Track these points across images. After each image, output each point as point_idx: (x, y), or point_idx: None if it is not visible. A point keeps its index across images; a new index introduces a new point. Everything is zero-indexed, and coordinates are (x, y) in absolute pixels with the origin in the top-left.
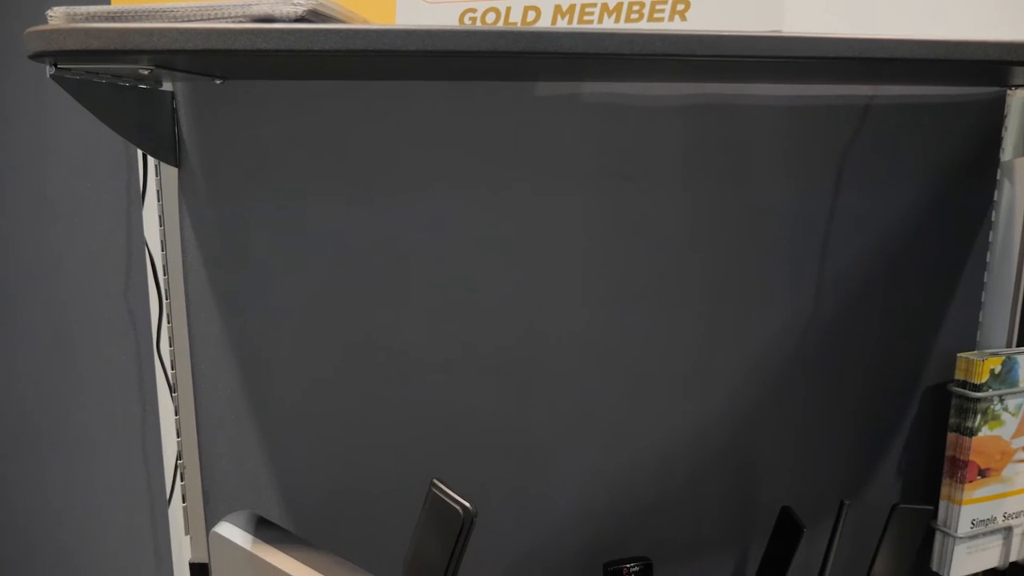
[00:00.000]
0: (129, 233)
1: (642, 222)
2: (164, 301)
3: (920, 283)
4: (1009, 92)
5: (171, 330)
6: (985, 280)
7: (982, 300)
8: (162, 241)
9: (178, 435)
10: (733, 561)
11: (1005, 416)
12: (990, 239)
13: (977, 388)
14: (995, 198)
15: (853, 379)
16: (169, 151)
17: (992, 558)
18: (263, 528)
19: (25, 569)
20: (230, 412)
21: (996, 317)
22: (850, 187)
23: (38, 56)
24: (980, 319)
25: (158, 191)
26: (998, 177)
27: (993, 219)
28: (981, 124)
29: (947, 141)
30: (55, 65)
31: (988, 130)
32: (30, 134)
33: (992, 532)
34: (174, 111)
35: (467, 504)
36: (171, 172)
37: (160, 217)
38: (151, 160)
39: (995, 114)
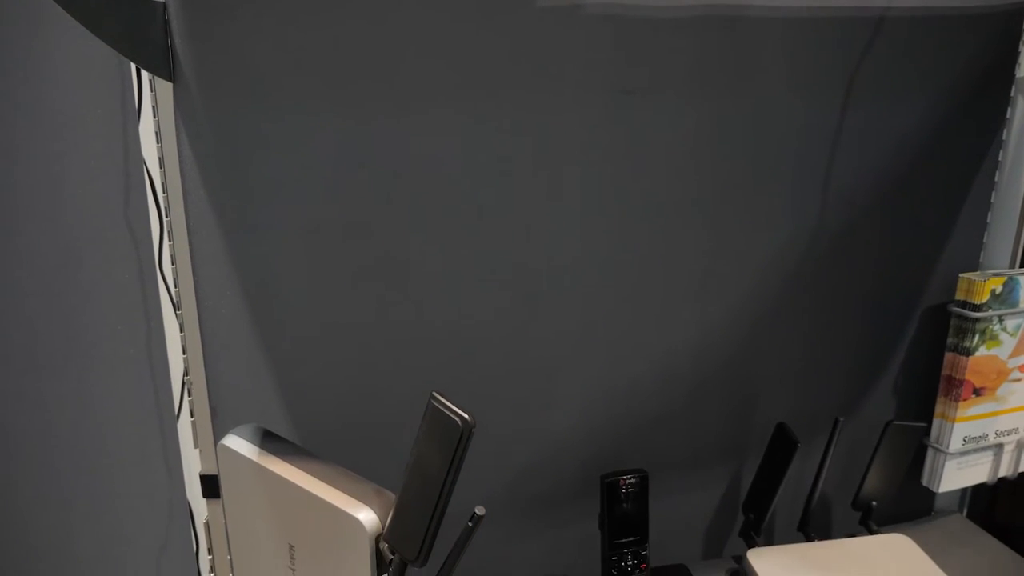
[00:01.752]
0: (126, 150)
1: (645, 137)
2: (164, 219)
3: (926, 202)
4: None
5: (172, 248)
6: (992, 200)
7: (988, 220)
8: (160, 158)
9: (184, 352)
10: (728, 475)
11: (1003, 336)
12: (1000, 158)
13: (977, 308)
14: (1008, 115)
15: (854, 298)
16: (163, 65)
17: (981, 473)
18: (269, 440)
19: (38, 482)
20: (234, 329)
21: (1001, 238)
22: (860, 102)
23: None
24: (984, 240)
25: (153, 107)
26: (1012, 94)
27: (1004, 137)
28: (997, 38)
29: (961, 55)
30: None
31: (1004, 45)
32: (22, 48)
33: (983, 449)
34: (167, 23)
35: (466, 415)
36: (166, 87)
37: (157, 134)
38: (145, 75)
39: (1012, 28)
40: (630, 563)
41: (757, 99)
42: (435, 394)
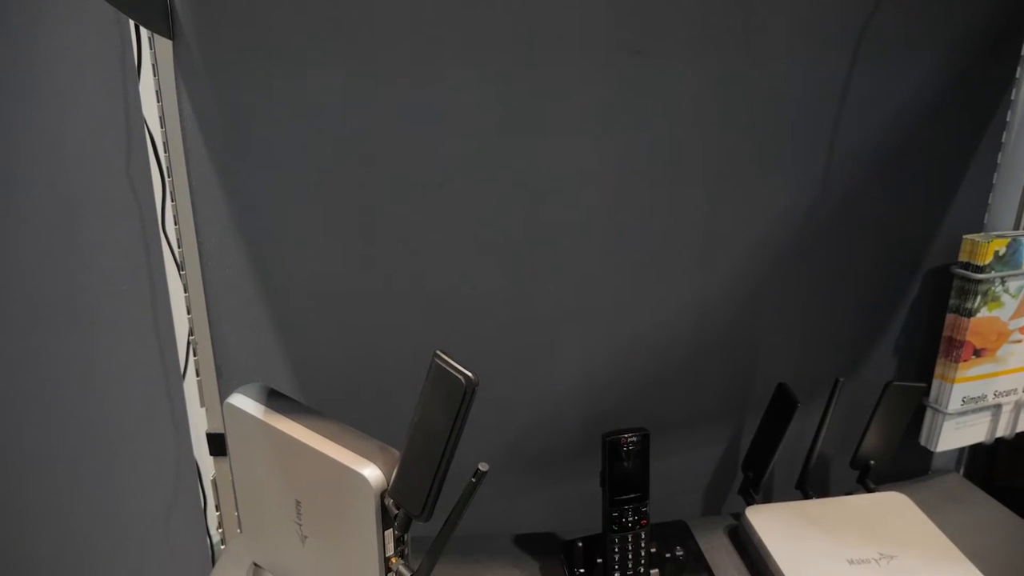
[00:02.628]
0: (127, 110)
1: (650, 98)
2: (166, 179)
3: (932, 163)
4: None
5: (175, 208)
6: (998, 161)
7: (993, 182)
8: (160, 117)
9: (188, 312)
10: (728, 434)
11: (1005, 298)
12: (1008, 118)
13: (980, 270)
14: (1017, 75)
15: (857, 260)
16: (161, 21)
17: (979, 434)
18: (274, 399)
19: (45, 443)
20: (238, 288)
21: (1006, 199)
22: (867, 62)
23: None
24: (990, 201)
25: (153, 65)
26: (1022, 53)
27: (1013, 97)
28: None
29: (972, 13)
30: None
31: (1015, 3)
32: (20, 4)
33: (981, 409)
34: None
35: (469, 373)
36: (165, 44)
37: (157, 92)
38: (144, 32)
39: None
40: (631, 519)
41: (765, 58)
42: (439, 352)
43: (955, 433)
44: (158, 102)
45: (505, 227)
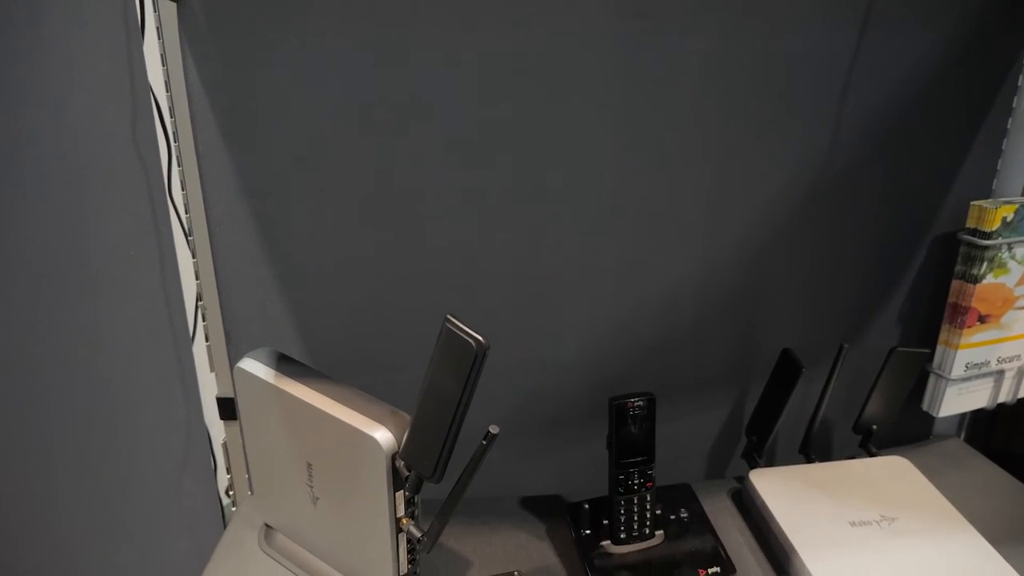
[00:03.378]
0: (132, 74)
1: (655, 62)
2: (172, 144)
3: (941, 128)
4: None
5: (182, 174)
6: (1008, 127)
7: (1003, 148)
8: (166, 82)
9: (197, 277)
10: (732, 399)
11: (1012, 264)
12: (1019, 83)
13: (987, 236)
14: None
15: (863, 226)
16: None
17: (981, 399)
18: (284, 363)
19: (56, 409)
20: (246, 253)
21: (1015, 165)
22: (878, 24)
23: None
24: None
25: (158, 28)
26: None
27: None
28: None
29: None
30: None
31: None
32: None
33: (984, 375)
34: None
35: (480, 337)
36: (170, 7)
37: (162, 56)
38: None
39: None
40: (636, 482)
41: (773, 21)
42: (449, 316)
43: (957, 399)
44: (163, 66)
45: (512, 193)
